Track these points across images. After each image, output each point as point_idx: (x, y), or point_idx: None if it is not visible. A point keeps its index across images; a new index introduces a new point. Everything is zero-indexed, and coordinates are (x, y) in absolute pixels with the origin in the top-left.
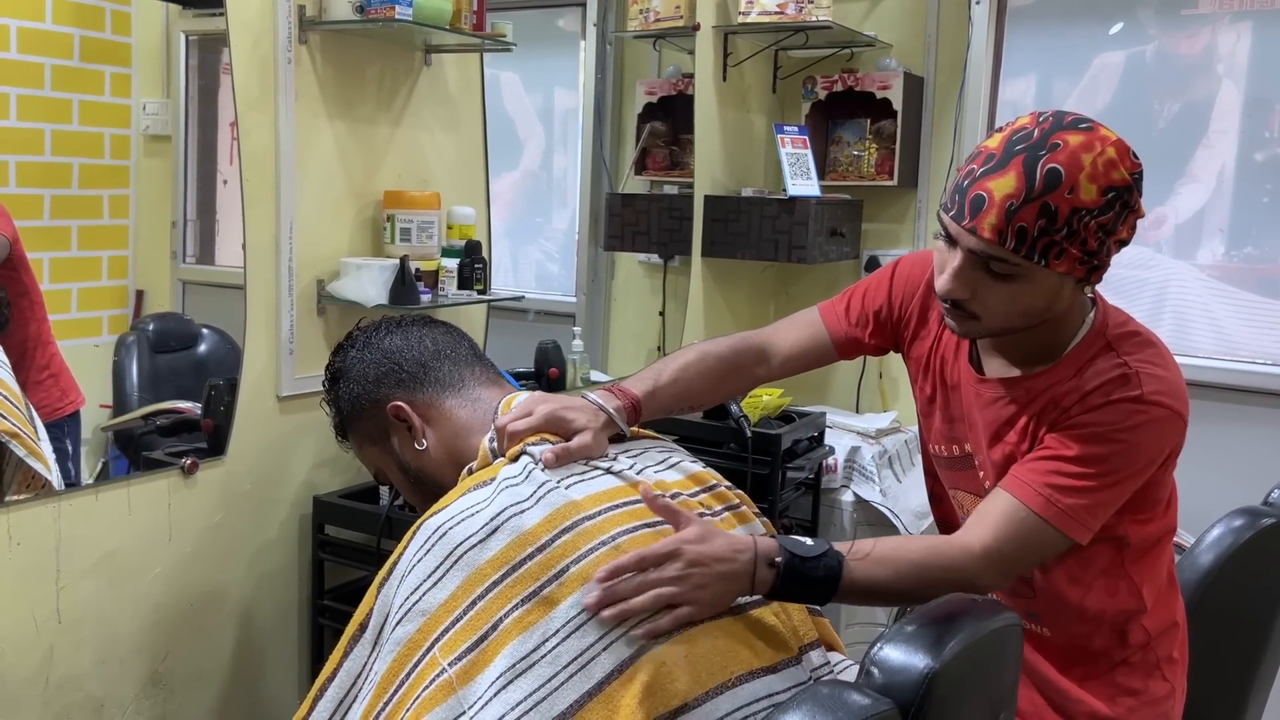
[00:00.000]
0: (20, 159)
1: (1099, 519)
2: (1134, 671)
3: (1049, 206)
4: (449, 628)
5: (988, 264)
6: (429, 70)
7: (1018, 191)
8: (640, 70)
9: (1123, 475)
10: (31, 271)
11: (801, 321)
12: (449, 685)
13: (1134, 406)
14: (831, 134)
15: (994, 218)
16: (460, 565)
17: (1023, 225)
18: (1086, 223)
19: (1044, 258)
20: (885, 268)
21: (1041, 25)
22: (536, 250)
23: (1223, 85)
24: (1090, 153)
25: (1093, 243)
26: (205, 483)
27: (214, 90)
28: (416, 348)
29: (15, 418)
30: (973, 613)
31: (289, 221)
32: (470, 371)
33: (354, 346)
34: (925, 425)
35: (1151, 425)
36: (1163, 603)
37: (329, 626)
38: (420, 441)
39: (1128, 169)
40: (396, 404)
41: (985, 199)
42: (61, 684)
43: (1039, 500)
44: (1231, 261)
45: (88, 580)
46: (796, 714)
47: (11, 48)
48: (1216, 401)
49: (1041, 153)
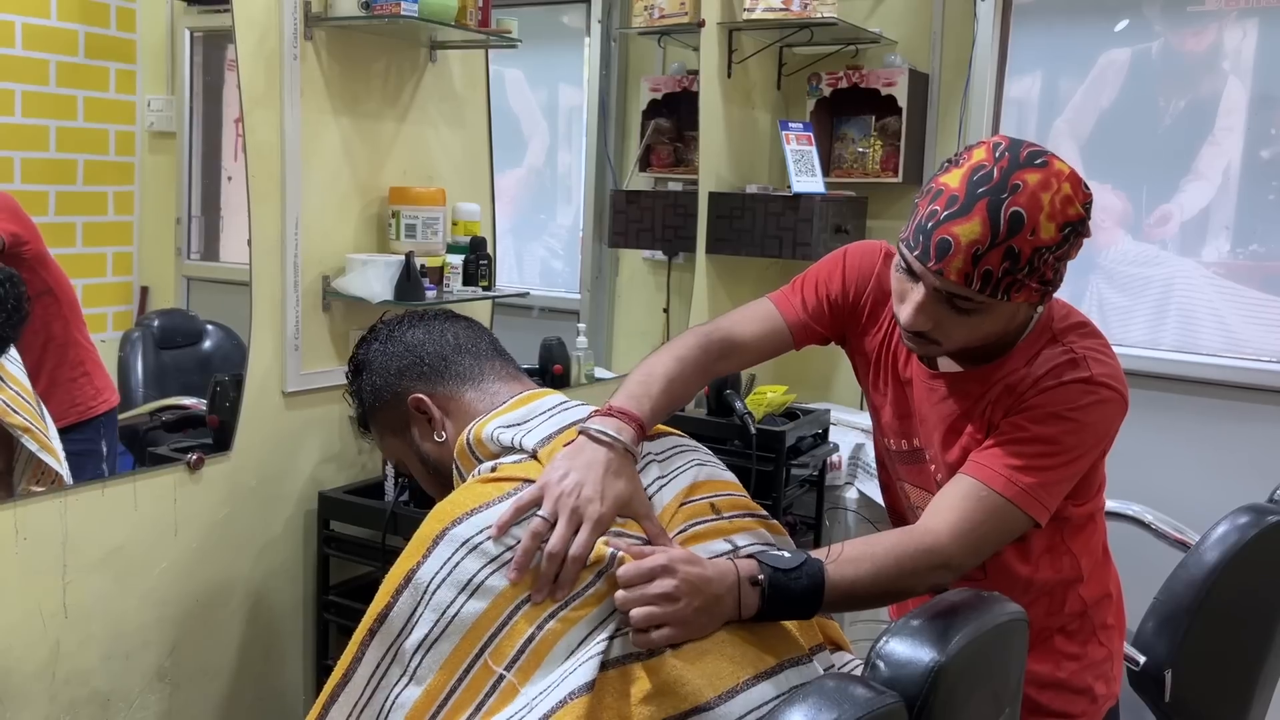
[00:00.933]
0: (25, 155)
1: (1055, 498)
2: (1072, 639)
3: (1013, 249)
4: (494, 635)
5: (951, 300)
6: (434, 66)
7: (983, 238)
8: (645, 67)
9: (1076, 454)
10: (56, 269)
11: (758, 314)
12: (511, 689)
13: (1085, 387)
14: (836, 131)
15: (960, 262)
16: (502, 573)
17: (988, 269)
18: (1046, 259)
19: (1006, 294)
20: (833, 257)
21: (1047, 22)
22: (541, 247)
23: (1229, 82)
24: (1048, 191)
25: (1049, 273)
26: (211, 478)
27: (219, 87)
28: (438, 341)
29: (27, 412)
30: (978, 607)
31: (295, 217)
32: (490, 365)
33: (377, 339)
34: (873, 417)
35: (1101, 406)
36: (1097, 574)
37: (334, 622)
38: (440, 434)
39: (1081, 201)
40: (417, 396)
41: (951, 244)
42: (68, 678)
43: (1000, 480)
44: (1237, 259)
45: (94, 575)
46: (802, 707)
47: (17, 44)
48: (1222, 399)
49: (1004, 196)
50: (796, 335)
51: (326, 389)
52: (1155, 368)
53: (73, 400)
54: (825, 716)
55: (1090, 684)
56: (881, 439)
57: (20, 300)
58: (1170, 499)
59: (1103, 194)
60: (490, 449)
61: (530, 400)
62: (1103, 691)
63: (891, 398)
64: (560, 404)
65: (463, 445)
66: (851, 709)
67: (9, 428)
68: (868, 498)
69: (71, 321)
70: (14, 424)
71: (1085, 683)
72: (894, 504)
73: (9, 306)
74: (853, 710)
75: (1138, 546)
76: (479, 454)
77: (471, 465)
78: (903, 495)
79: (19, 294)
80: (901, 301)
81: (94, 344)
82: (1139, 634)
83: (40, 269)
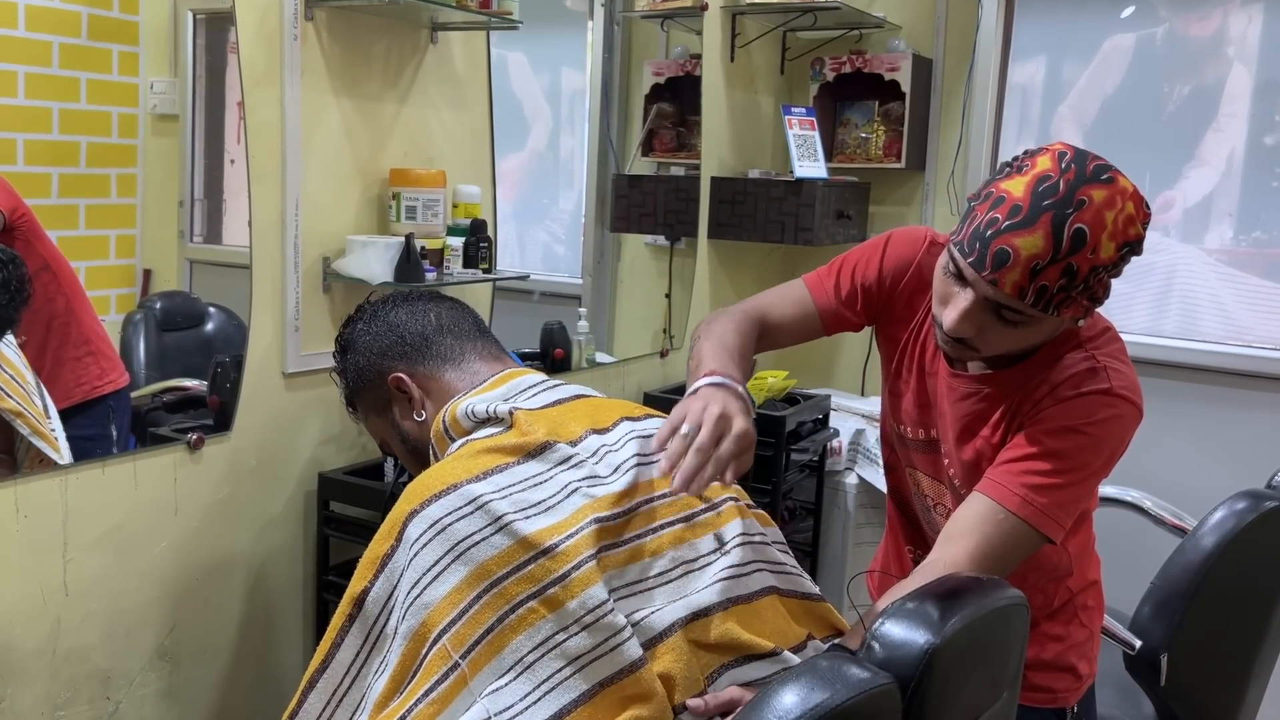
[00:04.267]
0: (28, 137)
1: (1071, 515)
2: (1055, 621)
3: (1072, 266)
4: (455, 619)
5: (999, 310)
6: (435, 48)
7: (1044, 252)
8: (648, 51)
9: (1090, 470)
10: (51, 244)
11: (791, 297)
12: (462, 677)
13: (1103, 399)
14: (839, 116)
15: (1017, 275)
16: (462, 560)
17: (1044, 284)
18: (1101, 278)
19: (1056, 310)
20: (875, 242)
21: (1051, 7)
22: (542, 231)
23: (1233, 68)
24: (1113, 210)
25: (1100, 291)
26: (211, 459)
27: (221, 69)
28: (420, 321)
29: (19, 396)
30: (976, 590)
31: (295, 198)
32: (472, 345)
33: (361, 319)
34: (892, 403)
35: (1118, 421)
36: (1083, 566)
37: (333, 602)
38: (419, 413)
39: (1141, 220)
40: (397, 375)
41: (1010, 255)
42: (69, 655)
43: (1015, 500)
44: (1240, 246)
45: (95, 553)
46: (795, 686)
47: (20, 25)
48: (1221, 386)
49: (1069, 211)
50: (827, 322)
51: (326, 370)
52: (1156, 354)
53: (78, 379)
54: (818, 696)
55: (1074, 663)
56: (896, 424)
57: (23, 282)
58: (1170, 485)
59: None
60: (464, 426)
61: (510, 379)
62: (1085, 670)
63: (914, 387)
64: (540, 382)
65: (438, 426)
66: (844, 689)
67: (1, 412)
68: (867, 483)
69: (73, 298)
70: (6, 408)
71: (1069, 662)
72: (899, 487)
73: (11, 288)
74: (845, 690)
75: (1136, 532)
76: (453, 433)
77: (446, 445)
78: (911, 482)
79: (21, 275)
80: (944, 304)
81: (101, 323)
82: (1135, 618)
83: (36, 243)
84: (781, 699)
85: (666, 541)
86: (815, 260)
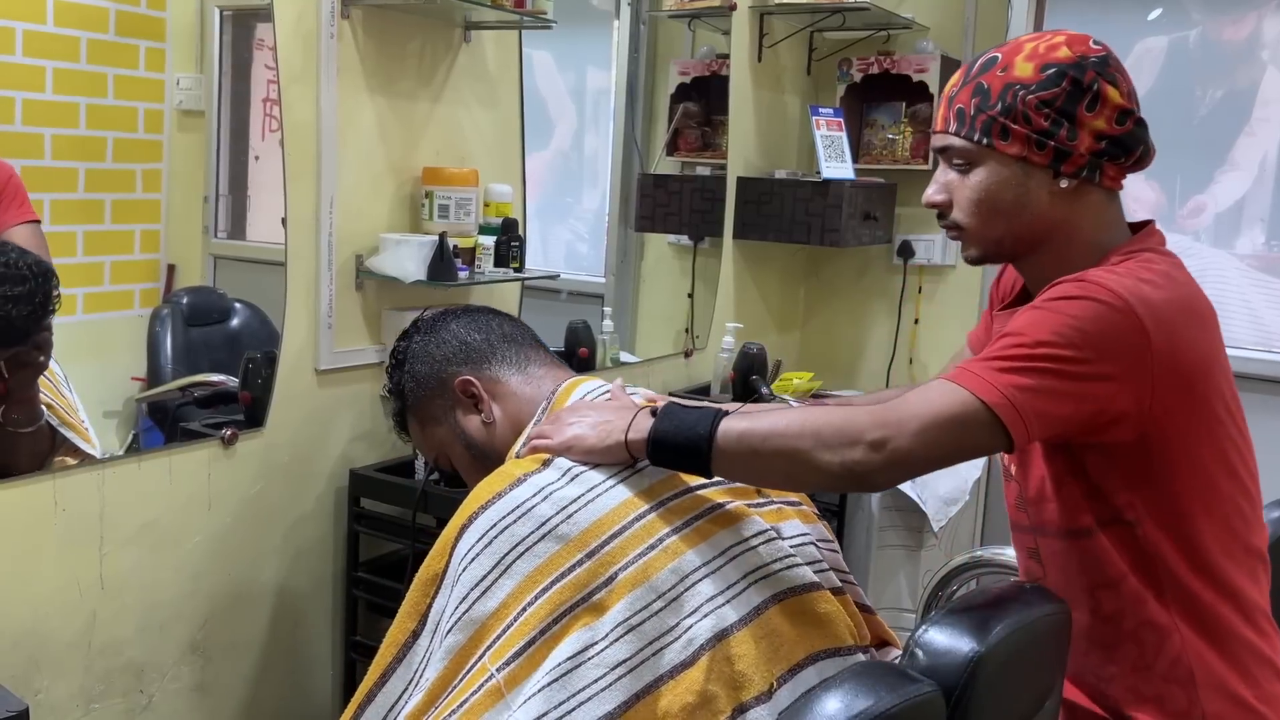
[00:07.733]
0: (55, 132)
1: (1030, 401)
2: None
3: (981, 85)
4: (500, 635)
5: (950, 160)
6: (468, 47)
7: (958, 80)
8: (674, 50)
9: (1050, 347)
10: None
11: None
12: (497, 690)
13: (1075, 284)
14: (866, 117)
15: (941, 109)
16: (510, 574)
17: (960, 106)
18: (1023, 97)
19: (986, 135)
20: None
21: (1081, 9)
22: (566, 230)
23: (1267, 72)
24: (1035, 41)
25: (1040, 120)
26: (244, 454)
27: (247, 66)
28: (484, 330)
29: (47, 389)
30: (1020, 599)
31: (329, 196)
32: (535, 354)
33: (419, 332)
34: None
35: (1089, 304)
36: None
37: (363, 598)
38: (489, 416)
39: (1077, 51)
40: (465, 379)
41: (940, 100)
42: (103, 649)
43: (966, 376)
44: (1272, 251)
45: (130, 547)
46: (838, 692)
47: (48, 20)
48: (1254, 393)
49: (991, 52)
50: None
51: (359, 367)
52: None
53: None
54: (861, 704)
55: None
56: None
57: (48, 297)
58: None
59: (1135, 184)
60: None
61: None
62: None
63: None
64: (598, 386)
65: (514, 453)
66: (889, 697)
67: None
68: None
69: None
70: None
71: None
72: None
73: (37, 301)
74: (890, 698)
75: None
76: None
77: None
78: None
79: (48, 290)
80: None
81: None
82: None
83: (25, 202)
84: (825, 705)
85: (725, 522)
86: (840, 261)
